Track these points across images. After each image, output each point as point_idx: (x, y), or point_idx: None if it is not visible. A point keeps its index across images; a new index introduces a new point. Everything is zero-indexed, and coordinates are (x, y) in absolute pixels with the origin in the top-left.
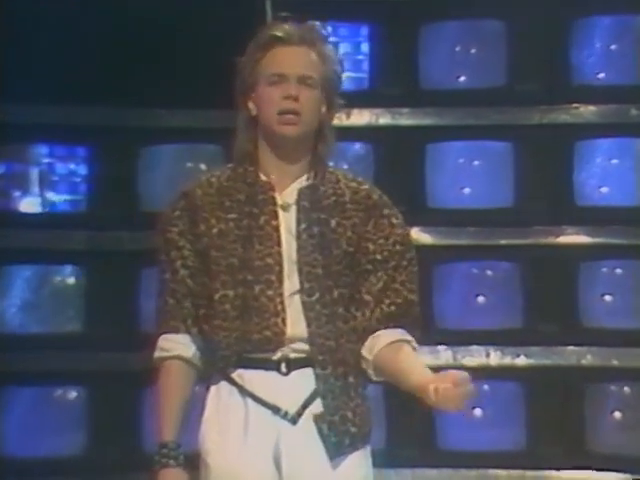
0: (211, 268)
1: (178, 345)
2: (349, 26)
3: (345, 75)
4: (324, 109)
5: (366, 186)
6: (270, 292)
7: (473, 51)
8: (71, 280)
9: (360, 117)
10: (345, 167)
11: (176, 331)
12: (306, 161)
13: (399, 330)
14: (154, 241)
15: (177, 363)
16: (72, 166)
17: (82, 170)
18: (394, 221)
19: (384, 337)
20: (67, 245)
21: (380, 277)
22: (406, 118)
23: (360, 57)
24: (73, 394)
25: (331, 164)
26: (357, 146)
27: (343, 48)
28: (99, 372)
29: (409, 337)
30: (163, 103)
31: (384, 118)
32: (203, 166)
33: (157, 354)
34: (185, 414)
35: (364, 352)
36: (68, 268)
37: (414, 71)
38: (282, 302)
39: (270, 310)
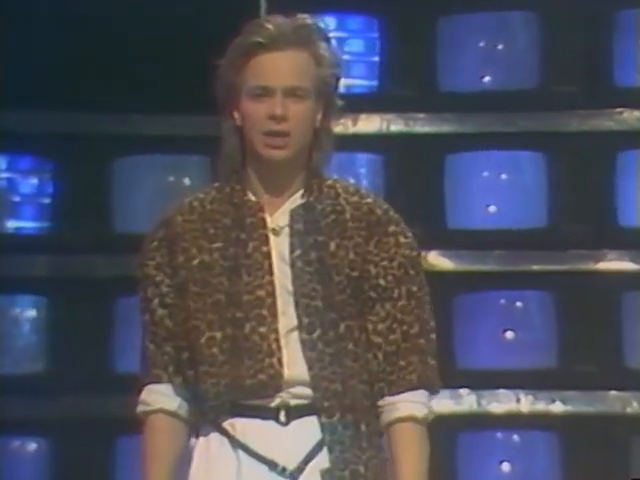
0: (190, 305)
1: (160, 397)
2: (356, 19)
3: (351, 76)
4: (319, 116)
5: (369, 200)
6: (263, 329)
7: (500, 47)
8: (32, 312)
9: (369, 123)
10: (351, 181)
11: (158, 380)
12: (300, 175)
13: (410, 395)
14: (131, 266)
15: (161, 418)
16: (34, 180)
17: (46, 185)
18: (401, 240)
19: (387, 411)
20: (28, 271)
21: (387, 310)
22: (422, 125)
23: (369, 54)
24: (33, 446)
25: (333, 176)
26: (365, 157)
27: (349, 45)
28: (64, 420)
29: (420, 405)
30: (140, 108)
31: (396, 125)
32: (187, 180)
33: (139, 408)
34: (175, 476)
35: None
36: (29, 298)
37: (431, 70)
38: (277, 340)
39: (264, 350)
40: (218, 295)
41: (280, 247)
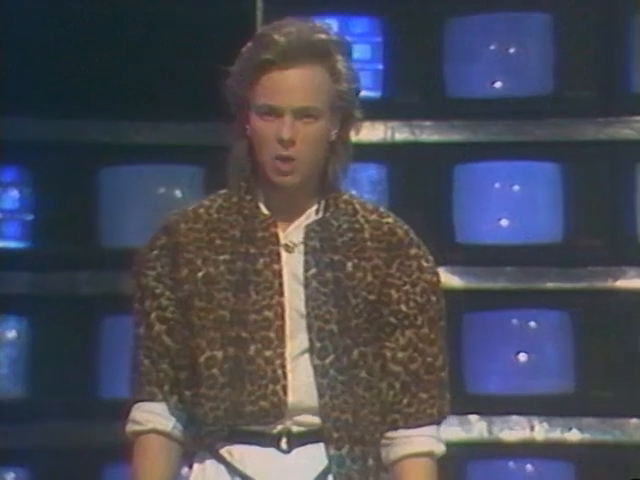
0: (194, 322)
1: (154, 416)
2: (358, 21)
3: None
4: (335, 132)
5: (390, 219)
6: (268, 353)
7: (512, 50)
8: (11, 333)
9: (372, 132)
10: (354, 193)
11: (152, 398)
12: (315, 190)
13: (427, 430)
14: (117, 283)
15: (153, 439)
16: (14, 192)
17: (27, 197)
18: (424, 264)
19: (401, 444)
20: (7, 290)
21: (408, 338)
22: (429, 133)
23: (372, 58)
24: (11, 476)
25: (348, 191)
26: (368, 167)
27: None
28: (45, 448)
29: (436, 441)
30: (128, 114)
31: (401, 133)
32: (178, 192)
33: (129, 427)
34: None
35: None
36: (8, 319)
37: (439, 75)
38: (283, 365)
39: (267, 375)
40: (222, 311)
41: (293, 265)
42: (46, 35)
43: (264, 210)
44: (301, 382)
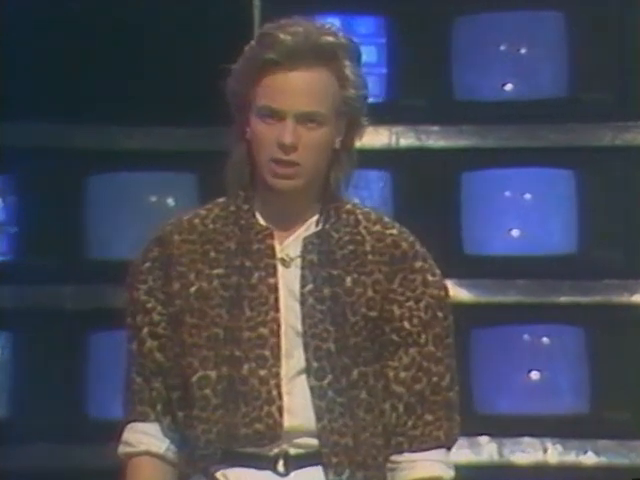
0: (185, 339)
1: (147, 437)
2: (361, 20)
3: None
4: (339, 140)
5: (394, 231)
6: (262, 372)
7: (523, 51)
8: None
9: (375, 137)
10: (357, 202)
11: (144, 418)
12: (316, 200)
13: (434, 454)
14: (105, 297)
15: (146, 461)
16: None
17: (10, 206)
18: (429, 278)
19: (407, 469)
20: None
21: (411, 357)
22: (436, 138)
23: (375, 59)
24: None
25: (351, 200)
26: (371, 174)
27: None
28: (28, 473)
29: (445, 466)
30: (118, 118)
31: (407, 138)
32: (171, 201)
33: (121, 449)
34: None
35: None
36: None
37: (446, 77)
38: (278, 385)
39: (262, 396)
40: (215, 329)
41: (289, 280)
42: (31, 37)
43: (261, 221)
44: (297, 404)
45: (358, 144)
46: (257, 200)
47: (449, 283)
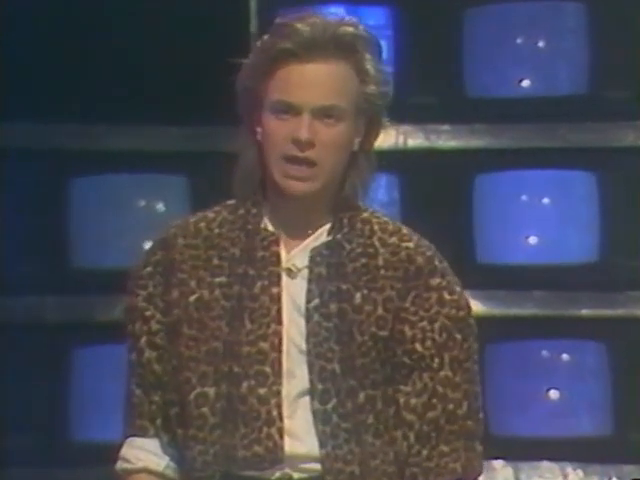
0: (182, 352)
1: (146, 454)
2: (364, 10)
3: None
4: (358, 139)
5: (410, 243)
6: (262, 391)
7: (541, 44)
8: None
9: (382, 137)
10: (374, 210)
11: (143, 433)
12: (329, 206)
13: None
14: (90, 309)
15: (144, 479)
16: None
17: None
18: (446, 297)
19: None
20: None
21: (424, 382)
22: (446, 138)
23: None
24: None
25: (369, 208)
26: (377, 177)
27: None
28: None
29: None
30: (103, 116)
31: (415, 138)
32: (161, 205)
33: (119, 465)
34: None
35: None
36: None
37: (457, 73)
38: (279, 405)
39: (262, 417)
40: (215, 342)
41: (294, 293)
42: (9, 34)
43: (269, 226)
44: (300, 427)
45: None
46: (267, 205)
47: None
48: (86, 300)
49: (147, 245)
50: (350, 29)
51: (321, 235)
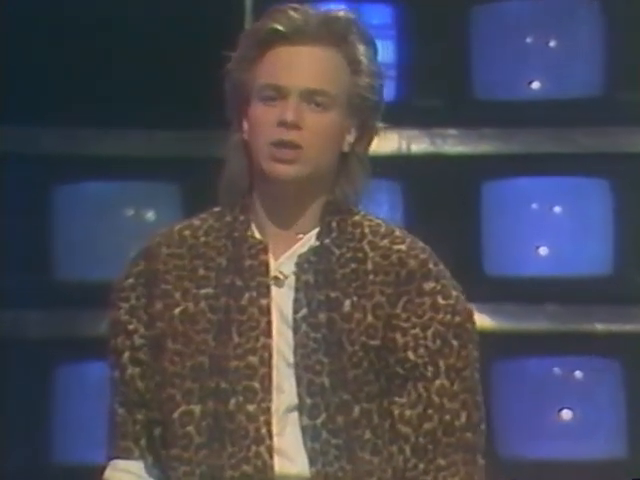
0: (166, 367)
1: (130, 477)
2: (367, 9)
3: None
4: (351, 137)
5: (402, 246)
6: (251, 407)
7: (552, 44)
8: None
9: (385, 142)
10: (367, 213)
11: (127, 455)
12: (319, 209)
13: None
14: (75, 325)
15: None
16: None
17: None
18: (440, 302)
19: None
20: None
21: (418, 392)
22: (452, 143)
23: (384, 54)
24: None
25: (362, 211)
26: (380, 184)
27: None
28: None
29: None
30: (89, 120)
31: (419, 143)
32: (151, 214)
33: None
34: None
35: None
36: None
37: (464, 74)
38: (268, 423)
39: (250, 435)
40: (200, 357)
41: (281, 303)
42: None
43: (256, 234)
44: (289, 445)
45: None
46: (255, 210)
47: None
48: (71, 314)
49: None
50: (343, 17)
51: (309, 240)
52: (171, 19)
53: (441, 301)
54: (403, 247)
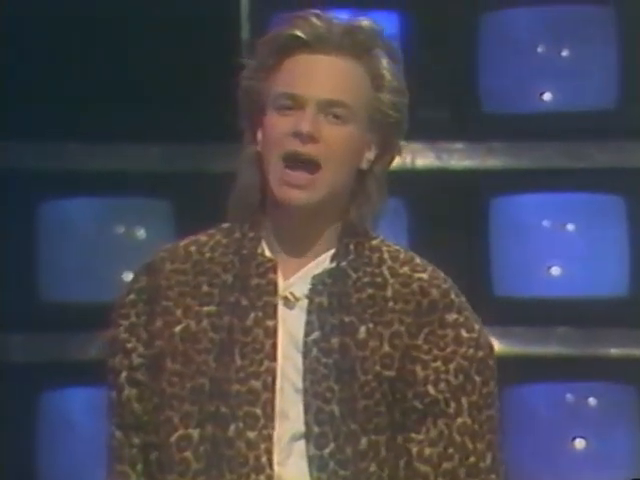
0: (164, 388)
1: None
2: (371, 17)
3: None
4: (371, 154)
5: (424, 275)
6: (251, 434)
7: (565, 54)
8: None
9: None
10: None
11: (124, 479)
12: (335, 229)
13: None
14: (61, 349)
15: None
16: None
17: None
18: (463, 335)
19: None
20: None
21: (439, 430)
22: (459, 157)
23: None
24: None
25: (379, 236)
26: None
27: None
28: None
29: None
30: (76, 133)
31: (425, 158)
32: (142, 232)
33: None
34: None
35: None
36: None
37: (472, 85)
38: (269, 451)
39: (250, 462)
40: (201, 379)
41: (291, 325)
42: None
43: (266, 251)
44: (292, 475)
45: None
46: (266, 227)
47: None
48: (57, 338)
49: (126, 276)
50: (367, 28)
51: (324, 261)
52: (164, 29)
53: (464, 334)
54: (425, 276)
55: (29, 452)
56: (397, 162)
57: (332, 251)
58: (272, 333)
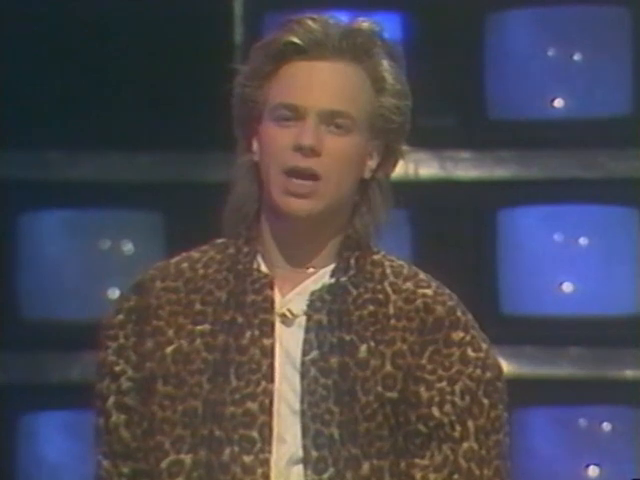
0: (155, 412)
1: None
2: (372, 18)
3: None
4: (373, 162)
5: (428, 291)
6: (248, 459)
7: (576, 57)
8: None
9: None
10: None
11: None
12: (335, 242)
13: None
14: (43, 370)
15: None
16: None
17: None
18: (470, 354)
19: None
20: None
21: (444, 455)
22: (465, 167)
23: None
24: None
25: (381, 250)
26: None
27: None
28: None
29: None
30: (60, 142)
31: (429, 167)
32: (129, 246)
33: None
34: None
35: None
36: None
37: (478, 91)
38: (267, 476)
39: None
40: (194, 401)
41: (288, 343)
42: None
43: (262, 267)
44: None
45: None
46: (262, 241)
47: None
48: (39, 358)
49: (112, 293)
50: (366, 29)
51: (323, 277)
52: (154, 34)
53: (471, 353)
54: (429, 292)
55: (7, 476)
56: (400, 172)
57: (332, 266)
58: (269, 352)
